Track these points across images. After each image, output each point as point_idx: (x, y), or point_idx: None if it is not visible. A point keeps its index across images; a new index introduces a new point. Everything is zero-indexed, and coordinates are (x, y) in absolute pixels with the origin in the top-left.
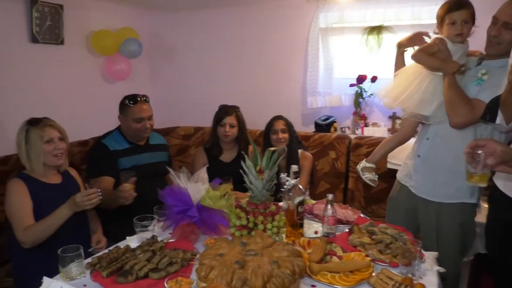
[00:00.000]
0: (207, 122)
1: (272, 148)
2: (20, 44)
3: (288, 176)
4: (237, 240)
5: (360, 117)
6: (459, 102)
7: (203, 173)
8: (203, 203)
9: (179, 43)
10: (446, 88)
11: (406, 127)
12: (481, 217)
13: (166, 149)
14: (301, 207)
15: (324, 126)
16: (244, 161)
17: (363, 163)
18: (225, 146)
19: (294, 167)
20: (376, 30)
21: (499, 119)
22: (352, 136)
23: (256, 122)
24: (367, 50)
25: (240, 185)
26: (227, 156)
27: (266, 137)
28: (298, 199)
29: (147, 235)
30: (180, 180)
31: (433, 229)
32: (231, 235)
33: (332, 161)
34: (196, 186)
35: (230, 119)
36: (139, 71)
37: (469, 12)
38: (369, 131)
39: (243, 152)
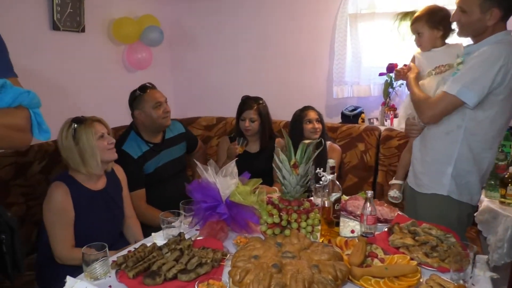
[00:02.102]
0: (229, 112)
1: (307, 141)
2: (41, 31)
3: (324, 171)
4: (271, 240)
5: (389, 108)
6: (419, 102)
7: (232, 167)
8: (232, 198)
9: (201, 31)
10: (409, 92)
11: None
12: None
13: (184, 138)
14: (338, 205)
15: (351, 117)
16: (275, 154)
17: (392, 181)
18: (249, 138)
19: (331, 162)
20: (409, 16)
21: None
22: (382, 128)
23: (278, 113)
24: (398, 38)
25: (266, 179)
26: (253, 147)
27: (295, 128)
28: (335, 196)
29: (173, 231)
30: (208, 174)
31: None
32: (262, 233)
33: (361, 153)
34: (225, 181)
35: (251, 114)
36: (160, 60)
37: (419, 24)
38: (398, 123)
39: (275, 145)
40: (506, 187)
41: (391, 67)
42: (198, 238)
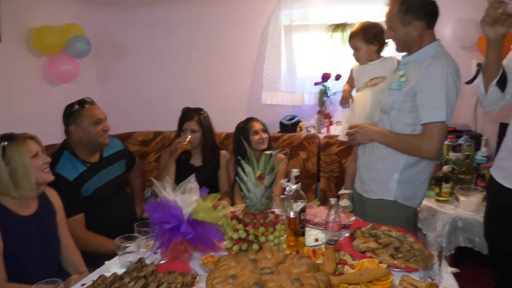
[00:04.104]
0: (167, 126)
1: (268, 152)
2: None
3: (288, 181)
4: (245, 257)
5: (325, 116)
6: (413, 144)
7: (192, 182)
8: (195, 216)
9: (131, 41)
10: (393, 146)
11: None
12: (459, 211)
13: (124, 155)
14: (303, 214)
15: (290, 126)
16: (240, 166)
17: (341, 191)
18: (192, 150)
19: (295, 171)
20: (341, 27)
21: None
22: (321, 136)
23: (215, 124)
24: (331, 48)
25: (212, 192)
26: (196, 160)
27: (240, 140)
28: (300, 205)
29: (131, 258)
30: (167, 192)
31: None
32: (227, 250)
33: (303, 161)
34: (186, 198)
35: (192, 125)
36: (86, 72)
37: (356, 40)
38: (334, 130)
39: (239, 158)
40: (440, 186)
41: (325, 77)
42: (161, 262)
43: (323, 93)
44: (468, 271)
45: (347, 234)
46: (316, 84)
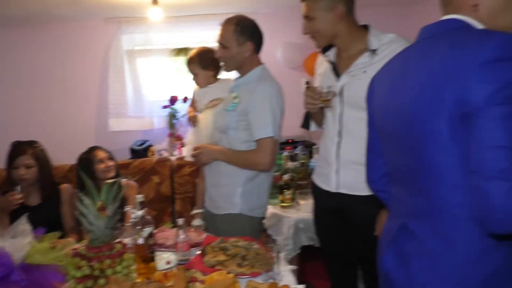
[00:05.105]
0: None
1: (110, 180)
2: None
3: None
4: None
5: (176, 138)
6: (249, 159)
7: (23, 224)
8: (30, 260)
9: None
10: (230, 162)
11: None
12: (300, 213)
13: None
14: (151, 239)
15: (141, 151)
16: (81, 200)
17: (193, 211)
18: (27, 188)
19: (139, 197)
20: (183, 51)
21: (313, 126)
22: (173, 158)
23: (57, 157)
24: (176, 71)
25: (50, 230)
26: (33, 198)
27: (85, 171)
28: (147, 231)
29: None
30: None
31: None
32: None
33: (156, 185)
34: (17, 242)
35: (25, 159)
36: None
37: (193, 66)
38: (187, 151)
39: (76, 190)
40: (283, 193)
41: (173, 99)
42: None
43: (172, 115)
44: (315, 267)
45: (199, 252)
46: (164, 107)
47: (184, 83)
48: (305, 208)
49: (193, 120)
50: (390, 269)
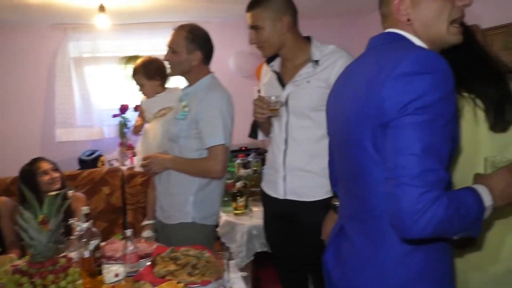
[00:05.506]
0: None
1: (54, 192)
2: None
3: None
4: None
5: (127, 147)
6: (202, 167)
7: None
8: None
9: None
10: (183, 171)
11: None
12: (253, 220)
13: None
14: (98, 252)
15: (90, 161)
16: (21, 214)
17: (144, 222)
18: None
19: (85, 209)
20: (133, 59)
21: (261, 135)
22: (124, 168)
23: (3, 169)
24: (126, 80)
25: None
26: None
27: (28, 183)
28: (94, 244)
29: None
30: None
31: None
32: None
33: (107, 197)
34: None
35: None
36: None
37: (138, 77)
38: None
39: (16, 204)
40: (236, 201)
41: (124, 108)
42: None
43: (123, 124)
44: (270, 273)
45: (149, 263)
46: (114, 116)
47: (135, 92)
48: (258, 215)
49: (136, 130)
50: (331, 269)
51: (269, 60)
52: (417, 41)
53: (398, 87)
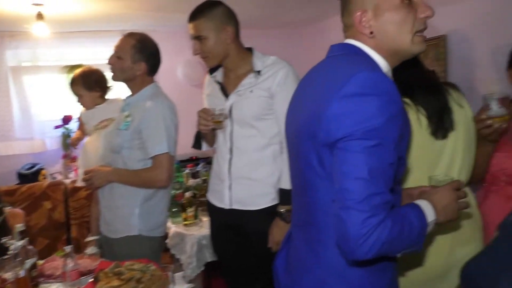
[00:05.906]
0: None
1: None
2: None
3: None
4: None
5: (72, 160)
6: (145, 177)
7: None
8: None
9: None
10: (128, 182)
11: None
12: (203, 230)
13: None
14: (34, 271)
15: (30, 175)
16: None
17: (88, 238)
18: None
19: (19, 226)
20: (76, 68)
21: (204, 146)
22: (68, 181)
23: None
24: (68, 90)
25: None
26: None
27: None
28: (30, 262)
29: None
30: None
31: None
32: None
33: (48, 212)
34: None
35: None
36: None
37: (76, 87)
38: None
39: None
40: (185, 211)
41: (67, 119)
42: None
43: (66, 136)
44: (222, 283)
45: (92, 279)
46: (57, 127)
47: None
48: (207, 225)
49: (73, 144)
50: (280, 275)
51: (212, 70)
52: (375, 56)
53: (343, 109)
